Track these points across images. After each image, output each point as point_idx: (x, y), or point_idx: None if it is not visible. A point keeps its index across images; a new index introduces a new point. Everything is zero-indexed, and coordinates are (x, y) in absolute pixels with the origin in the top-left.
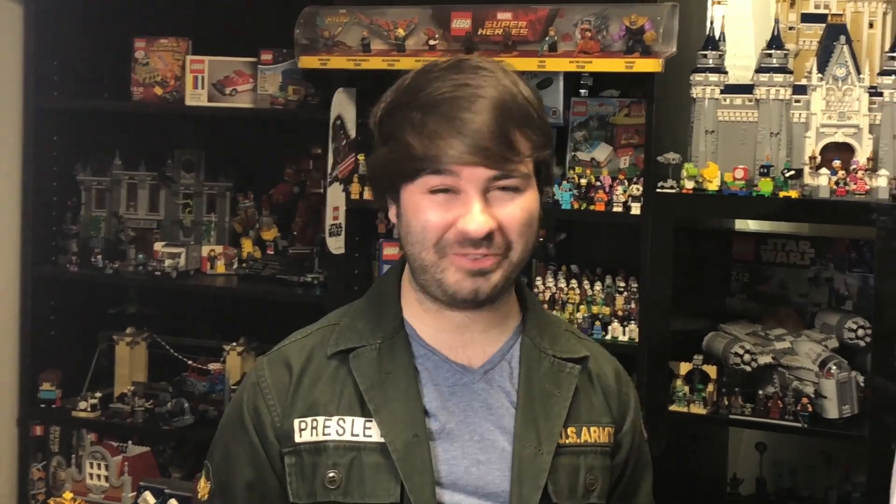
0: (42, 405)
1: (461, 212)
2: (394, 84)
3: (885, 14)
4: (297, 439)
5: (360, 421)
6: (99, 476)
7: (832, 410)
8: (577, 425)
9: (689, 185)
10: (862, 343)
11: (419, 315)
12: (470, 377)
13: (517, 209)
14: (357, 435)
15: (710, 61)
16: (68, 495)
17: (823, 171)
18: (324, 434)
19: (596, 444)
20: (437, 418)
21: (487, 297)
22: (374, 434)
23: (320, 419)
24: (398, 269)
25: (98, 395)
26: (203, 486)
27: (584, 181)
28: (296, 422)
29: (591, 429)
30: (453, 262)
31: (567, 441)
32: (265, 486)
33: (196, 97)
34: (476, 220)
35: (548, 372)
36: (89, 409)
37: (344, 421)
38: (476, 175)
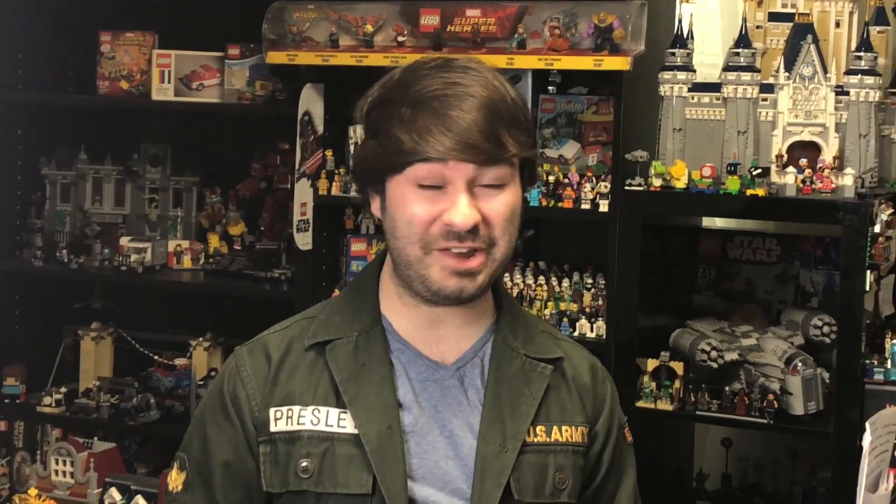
0: (6, 400)
1: (447, 205)
2: (380, 80)
3: (851, 14)
4: (272, 428)
5: (334, 412)
6: (64, 472)
7: (798, 407)
8: (546, 424)
9: (657, 182)
10: (827, 340)
11: (396, 309)
12: (442, 373)
13: (501, 205)
14: (331, 426)
15: (678, 59)
16: (33, 492)
17: (790, 169)
18: (298, 423)
19: (567, 443)
20: (410, 412)
21: (471, 297)
22: (348, 425)
23: (295, 409)
24: (378, 263)
25: (63, 390)
26: (176, 478)
27: (552, 178)
28: (271, 411)
29: (563, 428)
30: (438, 261)
31: (535, 440)
32: (243, 468)
33: (162, 91)
34: (462, 212)
35: (518, 371)
36: (54, 405)
37: (319, 411)
38: (463, 170)
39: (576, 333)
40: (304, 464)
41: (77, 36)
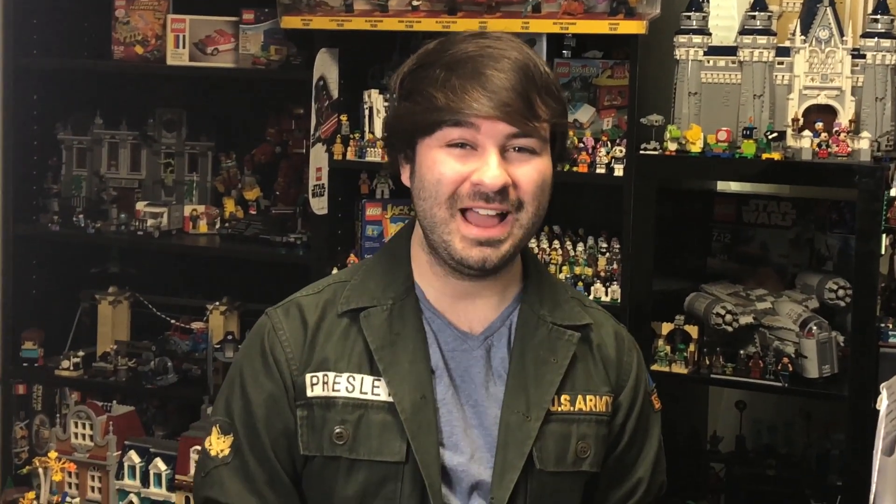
0: (24, 364)
1: (477, 165)
2: (415, 54)
3: None
4: (309, 393)
5: (368, 379)
6: (84, 436)
7: (812, 370)
8: (571, 393)
9: (672, 146)
10: (842, 303)
11: (427, 277)
12: (471, 343)
13: (532, 170)
14: (366, 393)
15: (694, 23)
16: (53, 454)
17: (806, 133)
18: (334, 390)
19: (591, 412)
20: (441, 380)
21: (495, 267)
22: (382, 393)
23: (331, 374)
24: (409, 230)
25: (81, 354)
26: (220, 442)
27: (567, 142)
28: (308, 376)
29: (588, 397)
30: (460, 228)
31: (559, 409)
32: (289, 432)
33: (177, 56)
34: (492, 172)
35: (544, 339)
36: (72, 368)
37: (353, 378)
38: (496, 130)
39: (590, 298)
40: (338, 430)
41: (92, 1)
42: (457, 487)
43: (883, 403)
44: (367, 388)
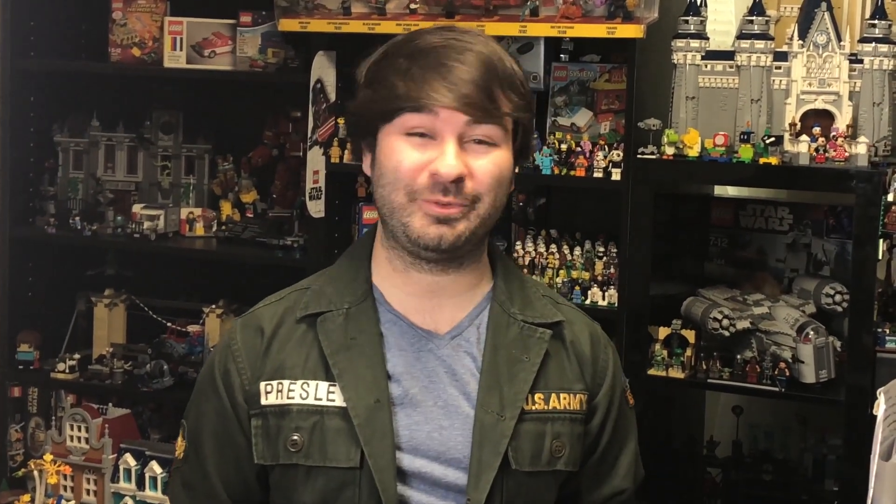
0: (20, 366)
1: (435, 155)
2: (382, 46)
3: None
4: (263, 402)
5: (323, 385)
6: (79, 438)
7: (809, 375)
8: (545, 391)
9: (670, 151)
10: (839, 308)
11: (389, 277)
12: (436, 343)
13: (490, 162)
14: (321, 399)
15: (692, 27)
16: (48, 457)
17: (803, 137)
18: (288, 397)
19: (566, 410)
20: (400, 383)
21: (451, 246)
22: (338, 398)
23: (285, 382)
24: (372, 233)
25: (76, 356)
26: (179, 445)
27: (564, 146)
28: (262, 384)
29: (562, 395)
30: (421, 208)
31: (533, 407)
32: (235, 448)
33: (174, 59)
34: (448, 162)
35: (516, 337)
36: (68, 371)
37: (308, 385)
38: (454, 119)
39: (587, 302)
40: (294, 437)
41: (89, 3)
42: (422, 488)
43: (880, 408)
44: (322, 394)
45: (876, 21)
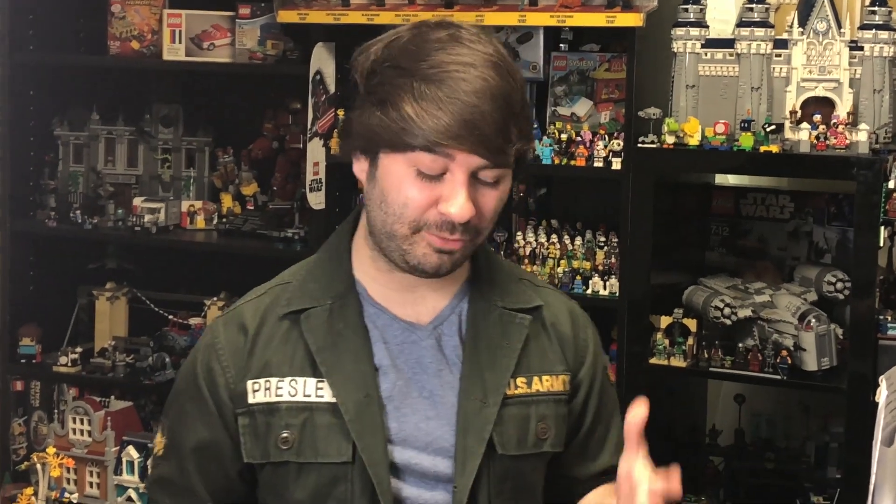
0: (22, 360)
1: (444, 193)
2: (382, 36)
3: None
4: (251, 400)
5: (311, 381)
6: (82, 431)
7: (811, 363)
8: (527, 375)
9: (670, 139)
10: (840, 296)
11: (370, 272)
12: (419, 334)
13: (494, 199)
14: (309, 395)
15: (691, 15)
16: (51, 450)
17: (804, 125)
18: (276, 395)
19: (549, 392)
20: (387, 376)
21: (447, 272)
22: (326, 394)
23: (273, 380)
24: (351, 225)
25: (78, 350)
26: (159, 441)
27: (564, 136)
28: (249, 383)
29: (544, 378)
30: (424, 239)
31: (516, 392)
32: (217, 447)
33: (173, 52)
34: (461, 206)
35: (496, 323)
36: (70, 364)
37: (296, 382)
38: (469, 161)
39: (589, 292)
40: (284, 435)
41: None
42: (412, 480)
43: (882, 394)
44: (311, 390)
45: (876, 8)
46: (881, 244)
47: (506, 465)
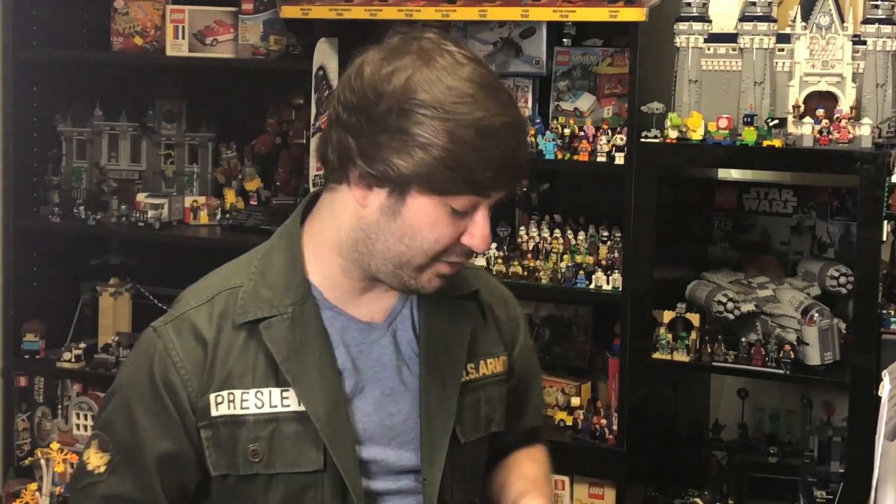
0: (26, 356)
1: (470, 227)
2: (376, 63)
3: None
4: (214, 413)
5: (276, 392)
6: (86, 426)
7: (814, 357)
8: (474, 360)
9: (673, 134)
10: (843, 290)
11: (330, 276)
12: (376, 333)
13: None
14: (275, 406)
15: (694, 10)
16: (55, 446)
17: (807, 119)
18: (242, 407)
19: (493, 375)
20: (349, 379)
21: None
22: (292, 403)
23: (237, 392)
24: (296, 223)
25: (82, 345)
26: (97, 458)
27: (567, 131)
28: (211, 396)
29: (489, 361)
30: (435, 267)
31: (467, 378)
32: (182, 459)
33: (177, 47)
34: (485, 238)
35: (446, 313)
36: (73, 360)
37: (261, 393)
38: (498, 196)
39: (592, 286)
40: (252, 447)
41: None
42: (378, 475)
43: (885, 389)
44: (277, 400)
45: (879, 2)
46: (884, 238)
47: (465, 452)
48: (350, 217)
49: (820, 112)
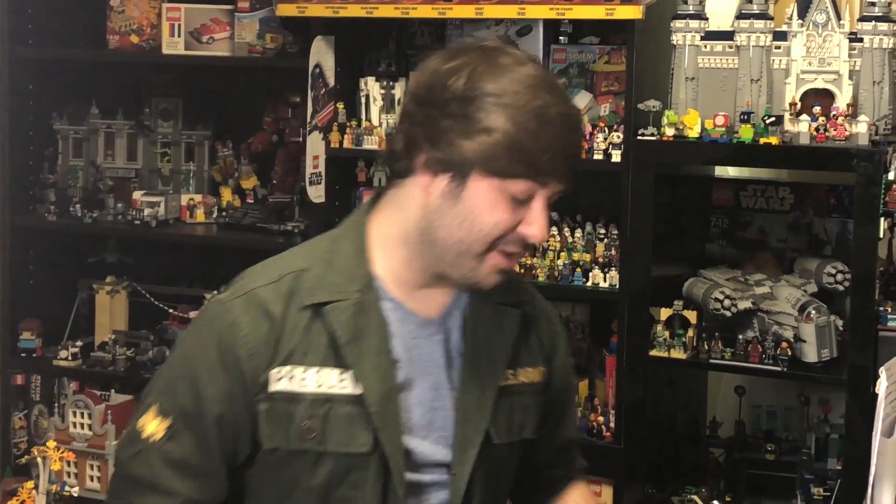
0: (23, 354)
1: (528, 216)
2: (452, 61)
3: None
4: (273, 388)
5: (335, 373)
6: (82, 425)
7: (811, 354)
8: (515, 367)
9: (670, 132)
10: (840, 287)
11: (394, 269)
12: (430, 329)
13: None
14: (333, 387)
15: (691, 7)
16: (52, 444)
17: (804, 117)
18: (300, 385)
19: (531, 384)
20: (402, 369)
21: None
22: (349, 386)
23: (298, 369)
24: (365, 213)
25: (79, 344)
26: (155, 423)
27: None
28: (273, 371)
29: (528, 370)
30: (493, 259)
31: (506, 383)
32: (237, 427)
33: (173, 45)
34: (543, 228)
35: (492, 318)
36: (70, 358)
37: (320, 372)
38: (556, 189)
39: (589, 283)
40: (306, 424)
41: None
42: (412, 466)
43: (882, 386)
44: (334, 381)
45: None
46: (881, 235)
47: (496, 452)
48: (416, 208)
49: (817, 109)
